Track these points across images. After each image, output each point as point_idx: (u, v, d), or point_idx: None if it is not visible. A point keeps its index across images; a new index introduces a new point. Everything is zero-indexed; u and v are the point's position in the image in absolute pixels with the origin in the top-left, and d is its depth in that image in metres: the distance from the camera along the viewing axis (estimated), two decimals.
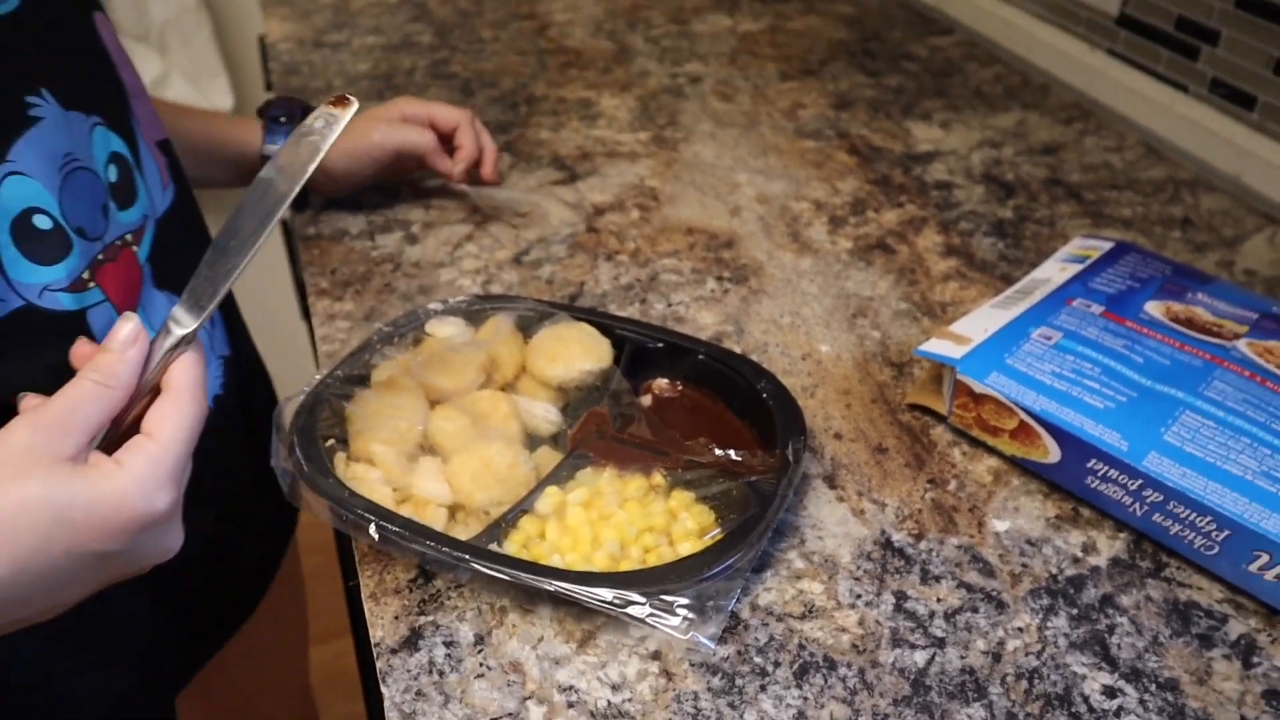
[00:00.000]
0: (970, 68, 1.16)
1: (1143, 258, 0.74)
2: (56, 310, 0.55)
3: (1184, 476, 0.56)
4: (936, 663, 0.53)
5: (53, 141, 0.54)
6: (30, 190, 0.53)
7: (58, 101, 0.55)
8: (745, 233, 0.88)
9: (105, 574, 0.46)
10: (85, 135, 0.57)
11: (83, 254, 0.56)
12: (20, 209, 0.53)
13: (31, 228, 0.53)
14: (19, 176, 0.52)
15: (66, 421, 0.45)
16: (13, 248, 0.52)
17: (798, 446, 0.60)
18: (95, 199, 0.57)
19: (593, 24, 1.28)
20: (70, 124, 0.56)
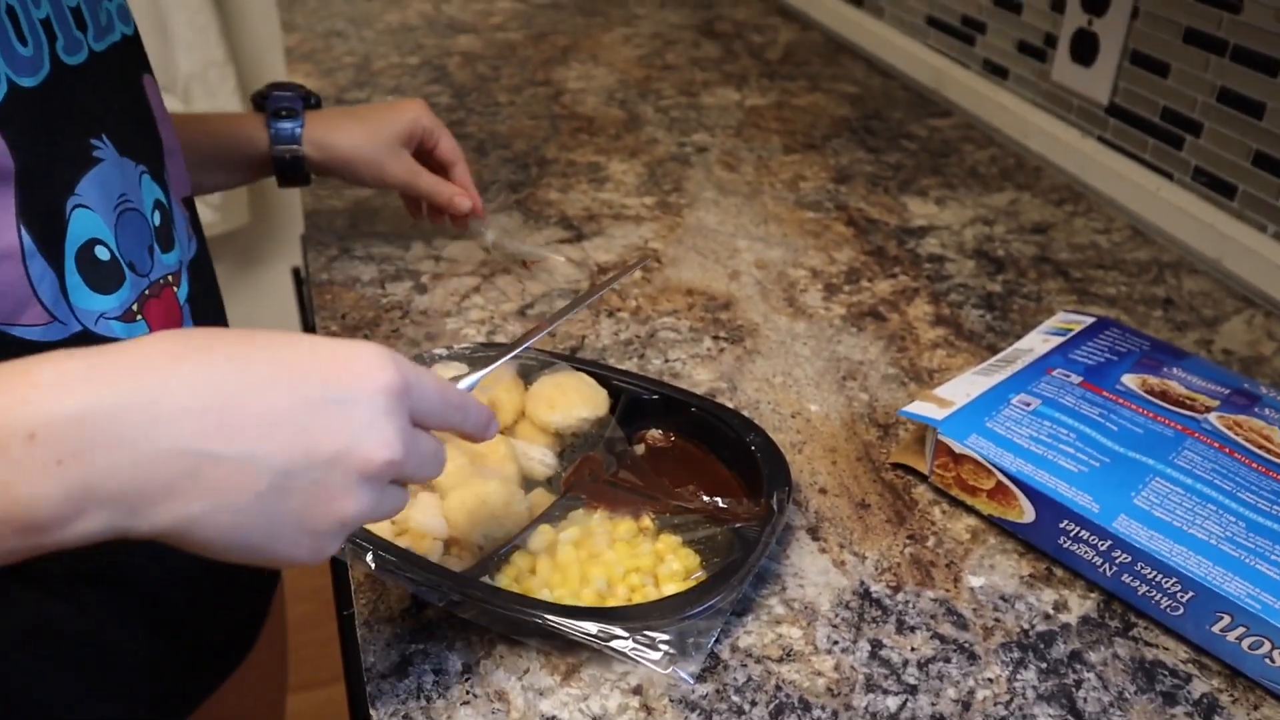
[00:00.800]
0: (967, 149, 1.20)
1: (1122, 333, 0.77)
2: (109, 337, 0.58)
3: (1152, 539, 0.59)
4: (908, 708, 0.55)
5: (110, 182, 0.58)
6: (93, 223, 0.57)
7: (114, 147, 0.59)
8: (743, 296, 0.91)
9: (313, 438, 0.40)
10: (135, 181, 0.62)
11: (133, 287, 0.60)
12: (86, 239, 0.57)
13: (94, 258, 0.57)
14: (85, 209, 0.56)
15: None
16: (77, 274, 0.56)
17: (782, 496, 0.62)
18: (143, 239, 0.62)
19: (605, 93, 1.33)
20: (124, 169, 0.60)
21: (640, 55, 1.47)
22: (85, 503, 0.36)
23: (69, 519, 0.36)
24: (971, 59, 1.30)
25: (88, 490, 0.36)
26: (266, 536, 0.40)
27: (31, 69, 0.53)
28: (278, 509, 0.40)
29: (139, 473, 0.36)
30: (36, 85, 0.53)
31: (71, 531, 0.36)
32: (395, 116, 0.89)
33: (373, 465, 0.41)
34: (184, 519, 0.38)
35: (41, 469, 0.35)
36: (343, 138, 0.88)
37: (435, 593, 0.56)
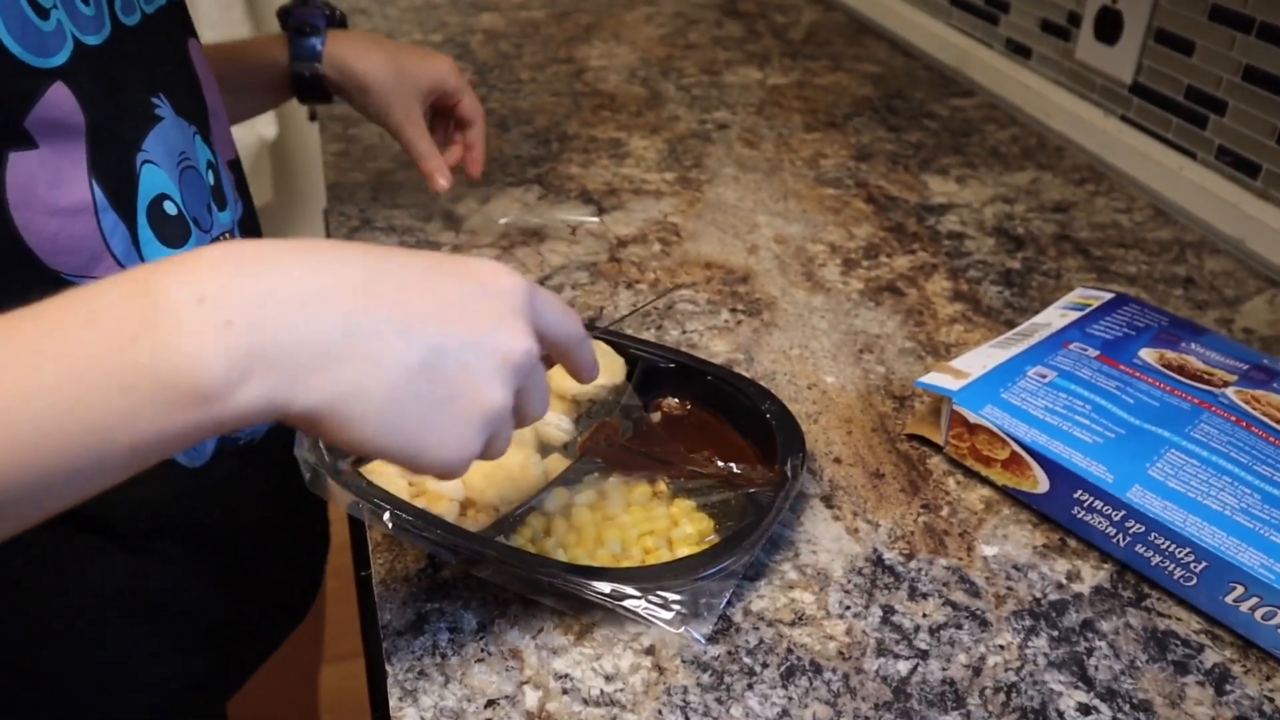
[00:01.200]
0: (989, 128, 1.20)
1: (1141, 308, 0.77)
2: None
3: (1165, 509, 0.59)
4: (919, 673, 0.56)
5: (172, 139, 0.60)
6: (160, 178, 0.59)
7: (171, 106, 0.61)
8: (761, 270, 0.91)
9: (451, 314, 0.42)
10: (191, 140, 0.64)
11: (198, 242, 0.62)
12: (155, 193, 0.58)
13: (163, 212, 0.59)
14: (153, 165, 0.58)
15: None
16: (149, 229, 0.58)
17: (796, 463, 0.62)
18: (202, 196, 0.64)
19: (627, 70, 1.33)
20: (181, 128, 0.62)
21: (662, 34, 1.47)
22: (251, 365, 0.36)
23: (234, 384, 0.36)
24: (994, 38, 1.29)
25: (252, 352, 0.36)
26: (418, 421, 0.41)
27: (95, 27, 0.54)
28: (429, 389, 0.40)
29: (301, 335, 0.37)
30: (100, 43, 0.55)
31: (237, 401, 0.36)
32: (423, 65, 0.88)
33: (515, 354, 0.43)
34: (340, 392, 0.38)
35: (211, 330, 0.35)
36: (362, 63, 0.87)
37: (452, 552, 0.57)
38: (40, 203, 0.51)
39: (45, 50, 0.50)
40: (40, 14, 0.50)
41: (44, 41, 0.50)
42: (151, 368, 0.35)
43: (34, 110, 0.50)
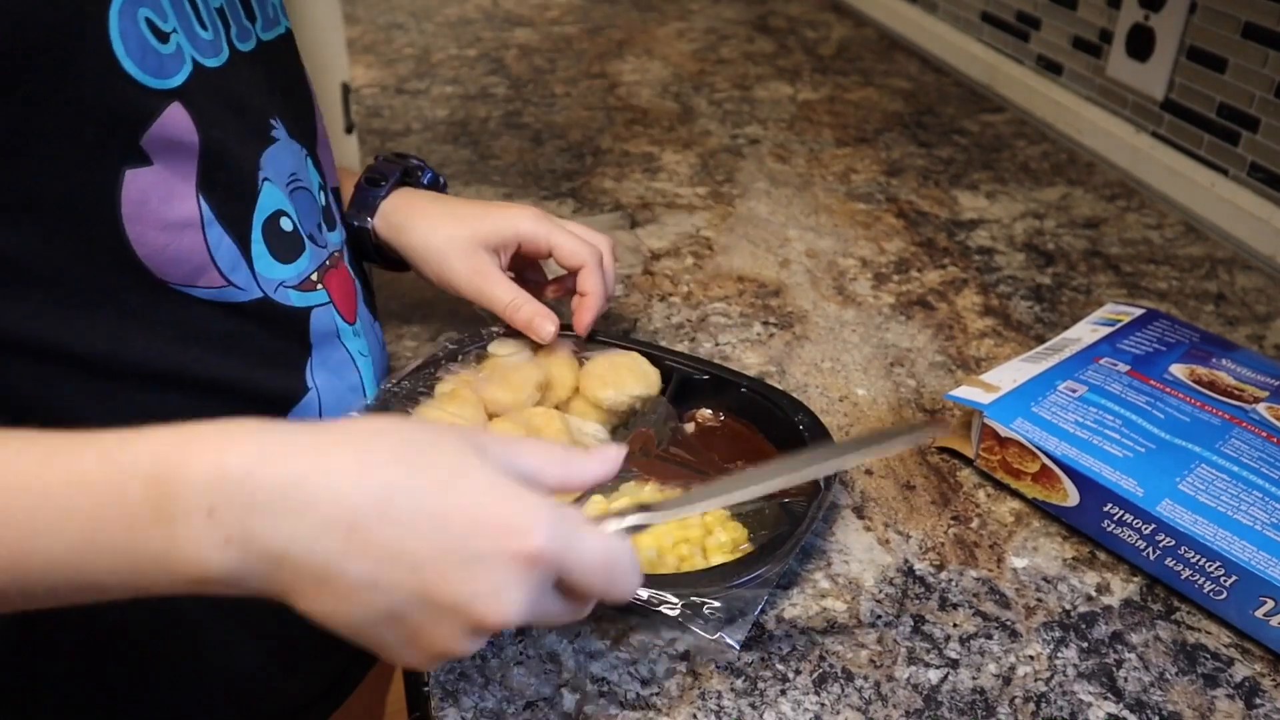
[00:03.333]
0: (1019, 144, 1.21)
1: (1171, 324, 0.78)
2: (285, 305, 0.62)
3: (1196, 523, 0.59)
4: (949, 681, 0.56)
5: (284, 161, 0.62)
6: (277, 196, 0.61)
7: (285, 130, 0.63)
8: (793, 283, 0.92)
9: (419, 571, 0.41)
10: (303, 162, 0.65)
11: (313, 258, 0.64)
12: (272, 210, 0.60)
13: (278, 228, 0.61)
14: (270, 183, 0.60)
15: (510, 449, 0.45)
16: (262, 243, 0.60)
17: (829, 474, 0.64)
18: (314, 216, 0.65)
19: (660, 85, 1.35)
20: (293, 150, 0.64)
21: (694, 49, 1.48)
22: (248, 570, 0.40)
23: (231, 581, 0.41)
24: (1025, 55, 1.30)
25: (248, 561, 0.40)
26: (380, 644, 0.43)
27: (213, 51, 0.56)
28: (390, 628, 0.42)
29: (296, 557, 0.40)
30: (219, 65, 0.57)
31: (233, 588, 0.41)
32: (485, 215, 0.75)
33: (483, 625, 0.42)
34: (318, 612, 0.42)
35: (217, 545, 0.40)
36: (415, 223, 0.75)
37: None
38: (152, 217, 0.53)
39: (164, 72, 0.52)
40: (160, 38, 0.52)
41: (163, 64, 0.52)
42: (161, 552, 0.40)
43: (151, 129, 0.51)
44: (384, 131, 1.20)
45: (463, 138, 1.19)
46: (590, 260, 0.74)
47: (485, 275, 0.73)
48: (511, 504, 0.42)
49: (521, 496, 0.42)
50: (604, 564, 0.44)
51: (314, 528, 0.39)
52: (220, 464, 0.39)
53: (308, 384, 0.64)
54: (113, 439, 0.40)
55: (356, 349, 0.68)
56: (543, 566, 0.41)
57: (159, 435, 0.40)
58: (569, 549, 0.42)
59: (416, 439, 0.43)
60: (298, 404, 0.63)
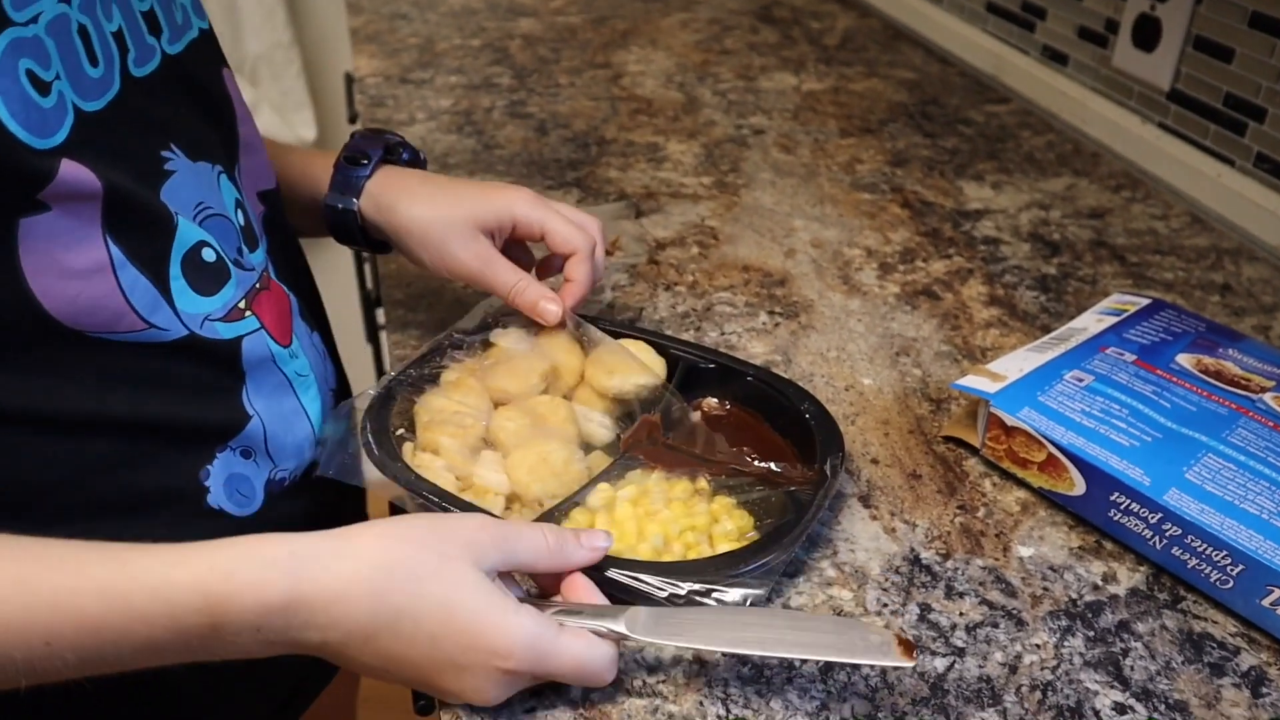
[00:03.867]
0: (1024, 134, 1.20)
1: (1178, 314, 0.78)
2: (212, 339, 0.60)
3: (1202, 512, 0.59)
4: (955, 670, 0.57)
5: (186, 190, 0.59)
6: (193, 228, 0.58)
7: (185, 154, 0.59)
8: (798, 273, 0.92)
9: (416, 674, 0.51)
10: (214, 183, 0.62)
11: (240, 284, 0.62)
12: (192, 242, 0.58)
13: (199, 261, 0.59)
14: (183, 217, 0.58)
15: (505, 543, 0.52)
16: (182, 279, 0.58)
17: (835, 461, 0.63)
18: (231, 241, 0.62)
19: (664, 76, 1.35)
20: (199, 174, 0.60)
21: (698, 40, 1.48)
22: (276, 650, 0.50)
23: None
24: (1031, 45, 1.29)
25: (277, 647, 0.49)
26: None
27: (98, 91, 0.53)
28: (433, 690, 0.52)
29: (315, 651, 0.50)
30: (101, 108, 0.53)
31: None
32: (481, 197, 0.73)
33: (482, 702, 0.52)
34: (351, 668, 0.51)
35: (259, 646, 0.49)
36: (406, 203, 0.73)
37: None
38: (56, 266, 0.51)
39: (47, 129, 0.49)
40: (42, 90, 0.49)
41: (45, 120, 0.49)
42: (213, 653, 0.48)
43: (48, 188, 0.49)
44: (388, 121, 1.19)
45: (467, 127, 1.19)
46: (583, 248, 0.73)
47: (486, 259, 0.72)
48: (494, 631, 0.49)
49: (504, 622, 0.49)
50: (575, 670, 0.51)
51: (340, 636, 0.48)
52: (262, 599, 0.47)
53: (247, 412, 0.63)
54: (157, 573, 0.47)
55: (293, 370, 0.66)
56: (519, 676, 0.51)
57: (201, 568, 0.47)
58: (543, 662, 0.50)
59: (422, 569, 0.49)
60: (240, 433, 0.62)
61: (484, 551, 0.51)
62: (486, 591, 0.50)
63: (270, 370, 0.64)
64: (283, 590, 0.47)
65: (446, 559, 0.49)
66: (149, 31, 0.58)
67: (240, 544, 0.48)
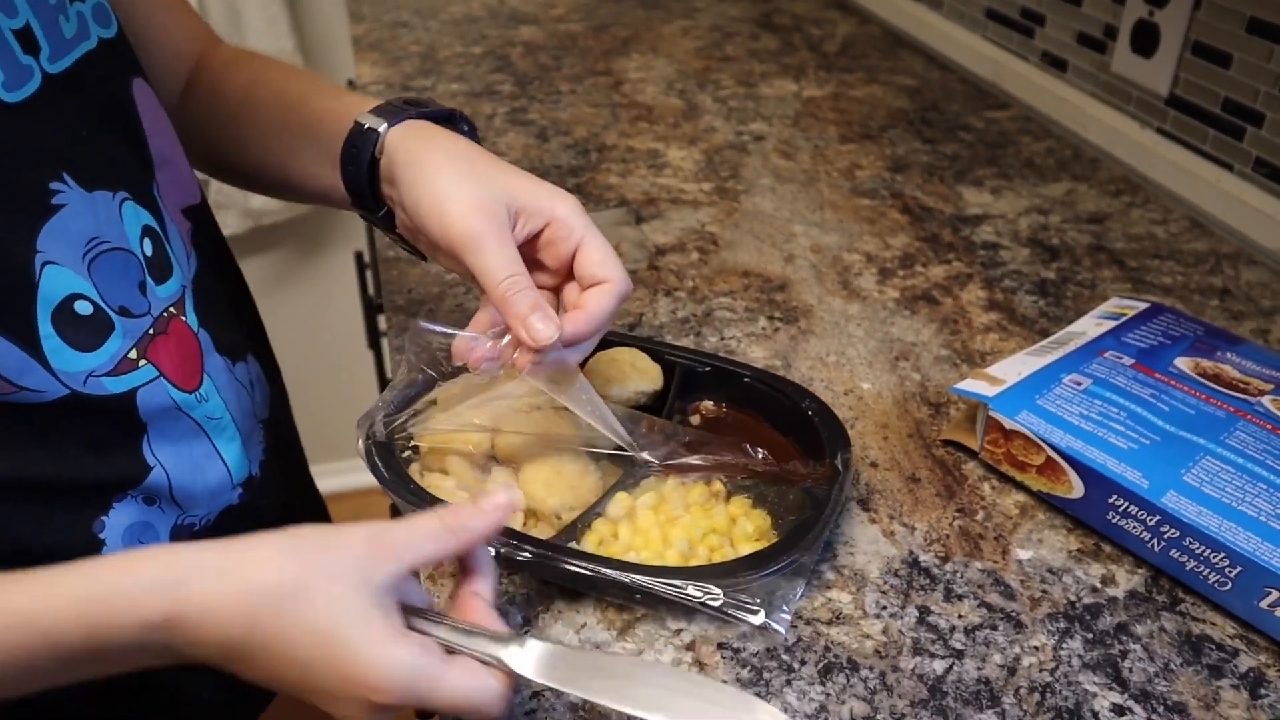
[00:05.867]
0: (1024, 140, 1.21)
1: (1176, 318, 0.78)
2: (100, 395, 0.56)
3: (1200, 514, 0.60)
4: (954, 672, 0.57)
5: (76, 226, 0.54)
6: (65, 278, 0.53)
7: (79, 184, 0.54)
8: (798, 278, 0.92)
9: None
10: (114, 213, 0.56)
11: (127, 333, 0.56)
12: (62, 296, 0.53)
13: (73, 314, 0.53)
14: (54, 265, 0.52)
15: (398, 549, 0.47)
16: (56, 337, 0.53)
17: (846, 456, 0.64)
18: (131, 277, 0.57)
19: (665, 82, 1.35)
20: (96, 205, 0.55)
21: (699, 47, 1.49)
22: None
23: None
24: (1030, 51, 1.30)
25: None
26: None
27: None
28: None
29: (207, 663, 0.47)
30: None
31: None
32: (524, 178, 0.61)
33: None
34: None
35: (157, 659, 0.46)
36: (441, 143, 0.60)
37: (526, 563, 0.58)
38: None
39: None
40: None
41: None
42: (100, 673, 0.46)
43: None
44: None
45: None
46: (617, 281, 0.59)
47: (489, 230, 0.57)
48: (368, 666, 0.44)
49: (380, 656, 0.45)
50: (455, 707, 0.46)
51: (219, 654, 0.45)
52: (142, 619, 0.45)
53: (148, 463, 0.59)
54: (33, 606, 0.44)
55: (203, 415, 0.62)
56: (390, 711, 0.46)
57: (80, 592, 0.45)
58: (421, 698, 0.45)
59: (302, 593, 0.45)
60: (141, 483, 0.59)
61: (375, 565, 0.46)
62: (365, 621, 0.45)
63: (175, 417, 0.60)
64: (161, 609, 0.44)
65: (332, 581, 0.45)
66: (23, 50, 0.51)
67: (121, 563, 0.46)
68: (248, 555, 0.46)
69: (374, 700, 0.45)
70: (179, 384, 0.60)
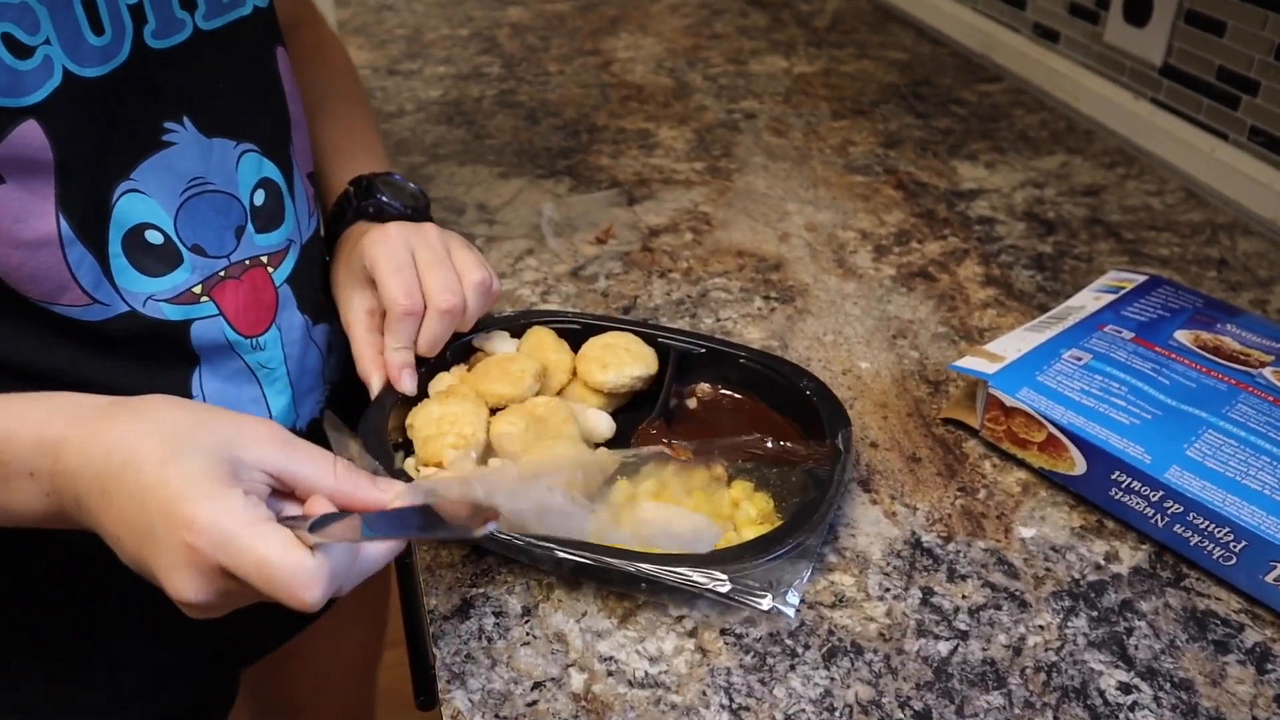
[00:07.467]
0: (1017, 113, 1.20)
1: (1175, 290, 0.77)
2: (157, 319, 0.60)
3: (1204, 489, 0.59)
4: (959, 653, 0.56)
5: (182, 165, 0.59)
6: (146, 207, 0.58)
7: (197, 129, 0.60)
8: (793, 257, 0.92)
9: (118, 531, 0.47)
10: (229, 161, 0.62)
11: (195, 269, 0.61)
12: (134, 223, 0.57)
13: (143, 241, 0.58)
14: (138, 194, 0.57)
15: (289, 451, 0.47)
16: (123, 257, 0.57)
17: (847, 435, 0.63)
18: (227, 221, 0.62)
19: (654, 61, 1.34)
20: (211, 150, 0.61)
21: (688, 25, 1.47)
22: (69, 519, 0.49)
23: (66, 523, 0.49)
24: (1021, 23, 1.29)
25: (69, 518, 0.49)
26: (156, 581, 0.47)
27: (100, 58, 0.54)
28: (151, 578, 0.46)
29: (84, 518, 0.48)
30: (102, 74, 0.54)
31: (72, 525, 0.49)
32: None
33: (177, 598, 0.45)
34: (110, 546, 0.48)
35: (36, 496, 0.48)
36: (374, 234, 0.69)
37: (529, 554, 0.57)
38: (5, 235, 0.52)
39: (19, 90, 0.50)
40: (21, 54, 0.50)
41: (18, 81, 0.50)
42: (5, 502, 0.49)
43: (1, 148, 0.50)
44: (377, 114, 1.18)
45: (457, 118, 1.18)
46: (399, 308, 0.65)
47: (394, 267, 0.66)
48: (188, 495, 0.44)
49: (205, 492, 0.44)
50: (258, 571, 0.43)
51: (87, 486, 0.46)
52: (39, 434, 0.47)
53: (193, 394, 0.63)
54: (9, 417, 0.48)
55: (256, 361, 0.66)
56: (201, 558, 0.44)
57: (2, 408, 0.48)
58: (222, 549, 0.43)
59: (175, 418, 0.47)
60: None
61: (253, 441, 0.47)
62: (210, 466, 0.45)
63: (228, 357, 0.64)
64: (56, 432, 0.47)
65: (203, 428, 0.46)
66: (180, 6, 0.58)
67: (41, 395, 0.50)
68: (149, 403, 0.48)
69: (182, 536, 0.43)
70: (238, 327, 0.63)
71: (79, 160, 0.53)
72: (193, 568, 0.44)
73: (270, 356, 0.66)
